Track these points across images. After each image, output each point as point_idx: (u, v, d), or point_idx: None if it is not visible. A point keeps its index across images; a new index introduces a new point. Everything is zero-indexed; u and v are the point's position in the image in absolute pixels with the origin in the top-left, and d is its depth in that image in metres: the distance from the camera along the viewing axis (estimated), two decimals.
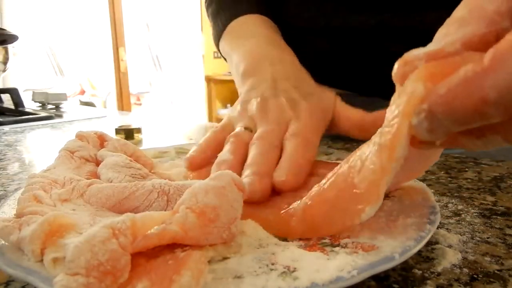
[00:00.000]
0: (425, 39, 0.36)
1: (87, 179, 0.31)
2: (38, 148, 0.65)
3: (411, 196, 0.28)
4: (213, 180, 0.22)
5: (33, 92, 1.14)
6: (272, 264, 0.21)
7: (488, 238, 0.27)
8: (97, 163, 0.35)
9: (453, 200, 0.34)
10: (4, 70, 1.07)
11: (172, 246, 0.21)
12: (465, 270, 0.23)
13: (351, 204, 0.22)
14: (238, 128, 0.37)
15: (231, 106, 0.43)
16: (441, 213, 0.30)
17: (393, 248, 0.21)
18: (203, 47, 3.64)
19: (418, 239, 0.22)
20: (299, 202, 0.26)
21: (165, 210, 0.25)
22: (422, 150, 0.21)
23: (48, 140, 0.72)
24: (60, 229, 0.21)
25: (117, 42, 3.23)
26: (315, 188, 0.26)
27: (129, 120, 0.92)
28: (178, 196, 0.25)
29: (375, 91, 0.37)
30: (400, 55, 0.27)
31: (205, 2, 0.62)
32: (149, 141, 0.66)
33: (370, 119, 0.37)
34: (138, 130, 0.68)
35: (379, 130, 0.22)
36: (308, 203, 0.25)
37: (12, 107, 1.02)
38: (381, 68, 0.53)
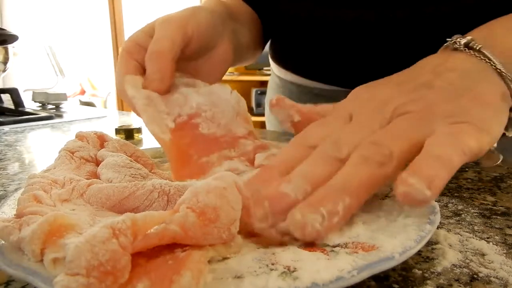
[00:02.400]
0: (400, 33, 0.37)
1: (87, 179, 0.31)
2: (38, 148, 0.65)
3: None
4: (214, 180, 0.22)
5: (33, 92, 1.14)
6: (272, 264, 0.21)
7: (488, 238, 0.27)
8: (97, 163, 0.35)
9: (453, 200, 0.34)
10: (4, 70, 1.07)
11: (172, 246, 0.21)
12: (465, 270, 0.23)
13: None
14: None
15: None
16: (441, 213, 0.30)
17: (393, 248, 0.21)
18: None
19: (418, 239, 0.22)
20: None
21: (165, 210, 0.25)
22: None
23: (48, 140, 0.72)
24: (60, 229, 0.21)
25: (117, 42, 3.22)
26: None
27: (129, 120, 0.92)
28: (178, 197, 0.25)
29: (357, 84, 0.37)
30: (379, 47, 0.29)
31: None
32: (149, 141, 0.66)
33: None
34: (138, 130, 0.68)
35: None
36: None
37: (12, 107, 1.02)
38: (362, 61, 0.54)
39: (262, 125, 0.84)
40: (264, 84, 0.80)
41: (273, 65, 0.72)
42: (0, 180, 0.44)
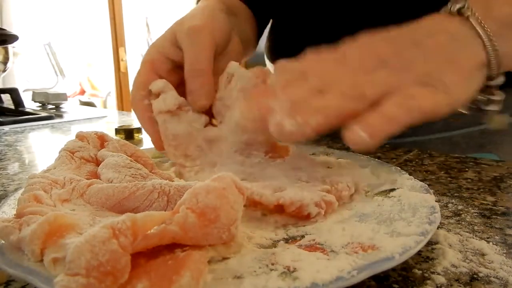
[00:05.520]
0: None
1: (87, 179, 0.31)
2: (38, 148, 0.65)
3: (411, 196, 0.28)
4: (214, 181, 0.22)
5: (33, 92, 1.14)
6: (272, 264, 0.21)
7: (488, 238, 0.27)
8: (97, 164, 0.35)
9: (453, 200, 0.34)
10: (4, 70, 1.07)
11: (172, 246, 0.21)
12: (465, 270, 0.23)
13: None
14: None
15: None
16: (441, 213, 0.30)
17: (393, 248, 0.21)
18: None
19: (418, 239, 0.22)
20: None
21: (165, 211, 0.25)
22: None
23: (48, 140, 0.72)
24: (60, 229, 0.21)
25: (117, 42, 3.22)
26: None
27: (129, 120, 0.92)
28: (178, 197, 0.26)
29: None
30: None
31: None
32: (149, 141, 0.66)
33: None
34: (138, 130, 0.68)
35: None
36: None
37: (12, 107, 1.02)
38: None
39: None
40: None
41: (269, 66, 0.72)
42: (0, 180, 0.44)
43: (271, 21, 0.66)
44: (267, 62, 0.73)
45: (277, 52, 0.68)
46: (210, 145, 0.38)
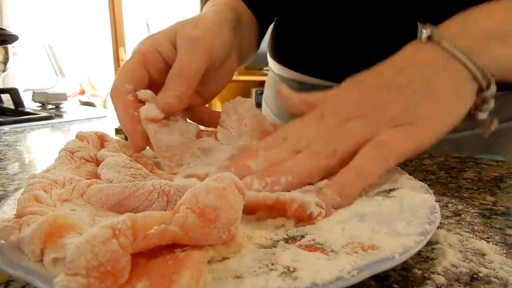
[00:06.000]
0: (400, 32, 0.40)
1: (87, 179, 0.31)
2: (38, 148, 0.65)
3: (411, 196, 0.28)
4: (214, 181, 0.22)
5: (33, 92, 1.14)
6: (272, 264, 0.21)
7: (488, 238, 0.27)
8: (97, 164, 0.35)
9: (453, 200, 0.34)
10: (4, 70, 1.07)
11: (172, 246, 0.21)
12: (465, 270, 0.23)
13: None
14: None
15: None
16: (441, 213, 0.30)
17: (393, 248, 0.21)
18: None
19: (418, 239, 0.22)
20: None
21: (165, 211, 0.25)
22: None
23: (48, 140, 0.72)
24: (60, 229, 0.21)
25: (117, 42, 3.22)
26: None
27: None
28: (178, 197, 0.26)
29: None
30: (380, 45, 0.35)
31: None
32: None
33: None
34: None
35: None
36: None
37: (12, 107, 1.02)
38: (362, 58, 0.55)
39: None
40: (264, 84, 0.80)
41: (272, 63, 0.72)
42: (0, 180, 0.44)
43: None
44: (269, 60, 0.73)
45: (280, 49, 0.68)
46: (205, 153, 0.38)
